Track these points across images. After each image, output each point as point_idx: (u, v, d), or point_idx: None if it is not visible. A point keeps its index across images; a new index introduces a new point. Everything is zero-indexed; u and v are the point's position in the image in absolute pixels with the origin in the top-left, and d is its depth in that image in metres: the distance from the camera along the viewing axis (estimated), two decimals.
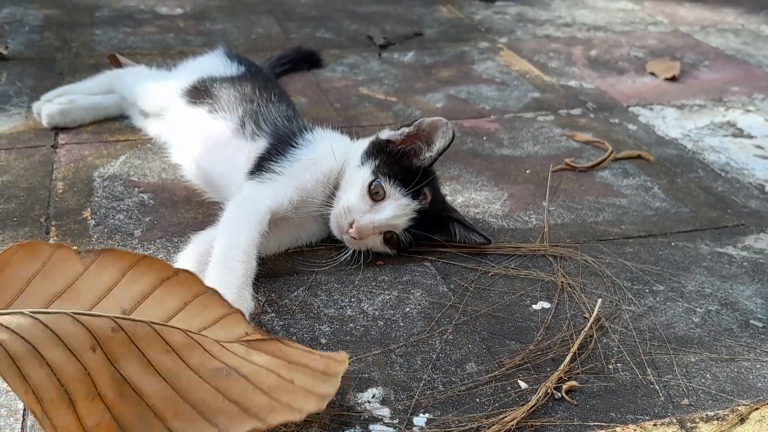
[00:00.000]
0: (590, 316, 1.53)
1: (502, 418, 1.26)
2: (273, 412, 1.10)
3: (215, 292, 1.17)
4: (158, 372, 1.09)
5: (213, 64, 2.16)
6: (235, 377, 1.11)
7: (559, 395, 1.33)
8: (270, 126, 1.81)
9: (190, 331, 1.13)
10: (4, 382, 1.27)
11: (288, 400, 1.12)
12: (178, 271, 1.16)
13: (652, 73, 2.89)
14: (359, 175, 1.66)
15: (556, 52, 3.07)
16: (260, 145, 1.77)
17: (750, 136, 2.42)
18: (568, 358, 1.41)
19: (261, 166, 1.71)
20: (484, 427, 1.25)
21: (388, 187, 1.63)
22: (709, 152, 2.30)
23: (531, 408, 1.29)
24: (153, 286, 1.15)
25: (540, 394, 1.32)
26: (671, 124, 2.48)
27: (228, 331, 1.17)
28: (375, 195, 1.63)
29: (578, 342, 1.45)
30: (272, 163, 1.70)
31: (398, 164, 1.66)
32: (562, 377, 1.37)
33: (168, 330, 1.12)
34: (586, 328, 1.49)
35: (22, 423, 1.22)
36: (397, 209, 1.62)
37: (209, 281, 1.38)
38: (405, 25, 3.26)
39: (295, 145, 1.74)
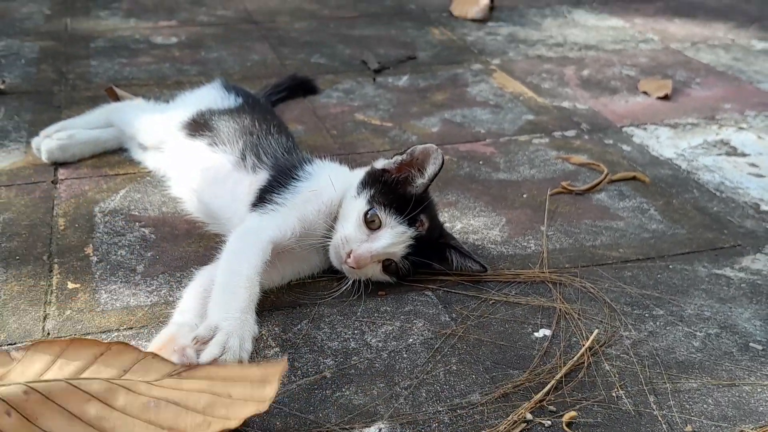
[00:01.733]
0: (585, 344, 1.54)
1: None
2: (210, 426, 1.21)
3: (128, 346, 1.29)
4: (83, 420, 1.19)
5: (211, 96, 2.18)
6: (164, 406, 1.22)
7: (548, 423, 1.35)
8: (271, 158, 1.83)
9: (112, 379, 1.24)
10: None
11: (225, 413, 1.23)
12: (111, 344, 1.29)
13: (645, 92, 2.91)
14: (355, 206, 1.68)
15: (549, 73, 3.10)
16: (261, 177, 1.79)
17: (743, 154, 2.44)
18: (547, 387, 1.43)
19: (263, 198, 1.73)
20: None
21: (384, 215, 1.64)
22: (703, 172, 2.32)
23: None
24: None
25: (510, 420, 1.34)
26: (665, 143, 2.51)
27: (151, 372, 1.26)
28: (371, 224, 1.65)
29: (563, 372, 1.46)
30: (274, 194, 1.72)
31: (393, 193, 1.68)
32: (541, 405, 1.38)
33: (86, 382, 1.23)
34: (575, 358, 1.50)
35: None
36: (393, 237, 1.63)
37: (212, 307, 1.44)
38: (398, 48, 3.29)
39: (296, 177, 1.76)
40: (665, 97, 2.86)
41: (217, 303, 1.44)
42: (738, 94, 2.94)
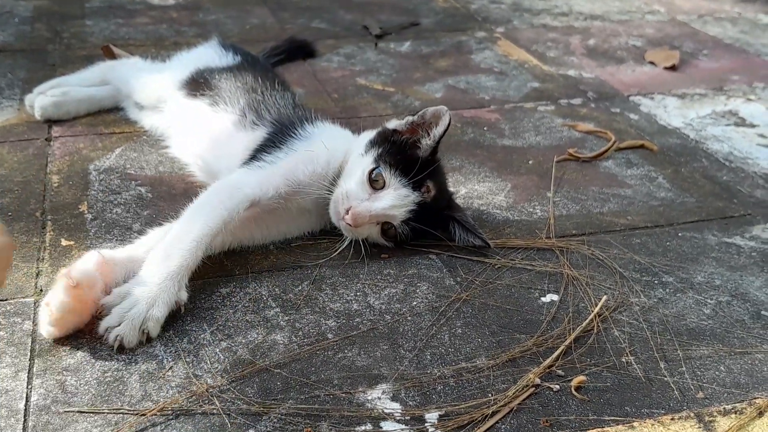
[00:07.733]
0: (594, 310, 1.50)
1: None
2: None
3: None
4: None
5: (208, 54, 2.12)
6: None
7: (556, 387, 1.31)
8: (273, 114, 1.78)
9: None
10: (4, 382, 1.24)
11: None
12: None
13: (652, 62, 2.86)
14: (361, 163, 1.62)
15: (554, 42, 3.04)
16: (259, 134, 1.74)
17: (752, 125, 2.39)
18: (557, 352, 1.39)
19: (255, 156, 1.68)
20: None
21: (389, 176, 1.59)
22: (712, 141, 2.28)
23: (513, 397, 1.27)
24: None
25: (518, 385, 1.31)
26: (673, 113, 2.46)
27: None
28: (375, 183, 1.59)
29: (572, 337, 1.43)
30: (267, 151, 1.67)
31: (402, 154, 1.62)
32: (549, 370, 1.35)
33: None
34: (584, 324, 1.46)
35: (24, 423, 1.18)
36: (395, 199, 1.58)
37: (143, 267, 1.42)
38: (401, 15, 3.22)
39: (293, 135, 1.70)
40: (672, 68, 2.81)
41: (148, 263, 1.42)
42: (746, 67, 2.89)
